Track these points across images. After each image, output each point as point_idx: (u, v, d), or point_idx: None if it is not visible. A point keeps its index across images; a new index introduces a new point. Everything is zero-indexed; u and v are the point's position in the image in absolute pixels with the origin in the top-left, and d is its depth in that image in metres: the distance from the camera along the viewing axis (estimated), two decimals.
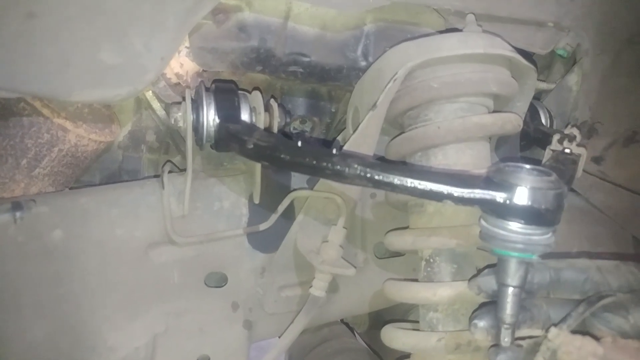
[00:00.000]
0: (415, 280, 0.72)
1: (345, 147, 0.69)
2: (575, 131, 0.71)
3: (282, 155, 0.57)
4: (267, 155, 0.59)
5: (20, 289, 0.69)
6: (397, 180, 0.54)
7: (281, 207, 0.75)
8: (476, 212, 0.55)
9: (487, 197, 0.51)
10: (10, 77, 0.60)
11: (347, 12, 0.82)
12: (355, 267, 0.76)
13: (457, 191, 0.52)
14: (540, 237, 0.52)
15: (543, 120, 0.89)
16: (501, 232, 0.52)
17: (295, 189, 0.75)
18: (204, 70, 0.87)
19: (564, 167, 0.64)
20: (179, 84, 0.85)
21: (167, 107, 0.86)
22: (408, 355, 0.71)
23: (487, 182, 0.53)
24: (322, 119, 1.05)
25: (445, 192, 0.52)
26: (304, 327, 0.75)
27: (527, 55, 0.81)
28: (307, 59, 0.83)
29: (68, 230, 0.71)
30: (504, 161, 0.63)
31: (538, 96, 0.99)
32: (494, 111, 0.75)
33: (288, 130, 1.00)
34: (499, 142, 0.85)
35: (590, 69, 0.89)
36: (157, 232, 0.75)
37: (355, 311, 0.91)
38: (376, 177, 0.54)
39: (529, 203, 0.50)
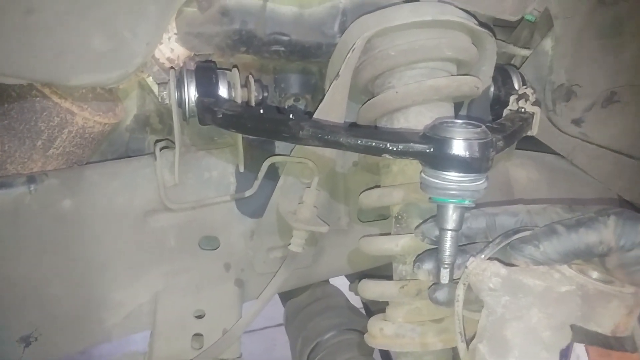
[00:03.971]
0: None
1: (314, 116, 0.76)
2: (529, 91, 0.75)
3: (246, 122, 0.65)
4: (234, 123, 0.66)
5: (39, 251, 0.79)
6: (342, 138, 0.60)
7: (260, 174, 0.83)
8: None
9: (418, 149, 0.57)
10: (17, 66, 0.69)
11: None
12: (330, 226, 0.83)
13: (392, 145, 0.58)
14: (470, 184, 0.57)
15: (515, 85, 0.92)
16: (435, 181, 0.58)
17: (270, 156, 0.83)
18: (195, 54, 0.95)
19: (511, 124, 0.68)
20: (172, 67, 0.93)
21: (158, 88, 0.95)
22: None
23: (423, 136, 0.58)
24: (315, 96, 1.11)
25: (382, 146, 0.58)
26: (283, 280, 0.83)
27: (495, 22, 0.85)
28: (287, 38, 0.89)
29: (76, 199, 0.81)
30: None
31: (517, 62, 1.03)
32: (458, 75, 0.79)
33: (282, 107, 1.08)
34: (472, 106, 0.89)
35: (562, 32, 0.91)
36: (154, 200, 0.84)
37: (341, 272, 0.98)
38: (325, 137, 0.61)
39: (456, 152, 0.55)
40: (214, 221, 0.87)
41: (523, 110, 0.74)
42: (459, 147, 0.55)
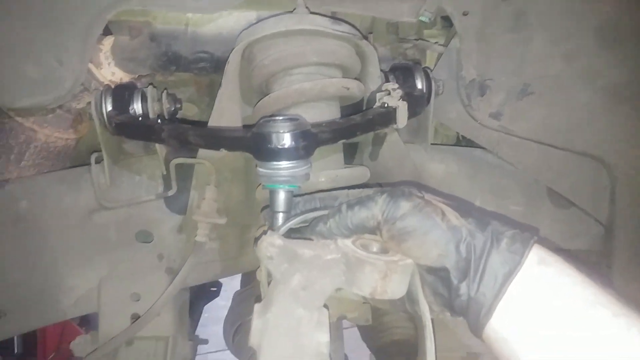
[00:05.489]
0: None
1: (209, 123, 0.86)
2: (391, 87, 0.80)
3: (127, 129, 0.77)
4: (120, 130, 0.79)
5: (1, 243, 0.97)
6: (190, 137, 0.71)
7: (172, 174, 0.94)
8: None
9: (244, 143, 0.66)
10: None
11: (237, 12, 0.99)
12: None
13: (225, 141, 0.68)
14: (292, 170, 0.65)
15: (418, 83, 0.96)
16: (262, 170, 0.66)
17: (174, 158, 0.94)
18: (140, 75, 1.10)
19: (360, 118, 0.74)
20: None
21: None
22: None
23: (252, 133, 0.67)
24: None
25: (219, 142, 0.68)
26: (192, 266, 0.94)
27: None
28: (210, 55, 1.02)
29: (31, 201, 0.98)
30: None
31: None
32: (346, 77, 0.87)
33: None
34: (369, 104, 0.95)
35: (463, 30, 0.95)
36: (95, 200, 0.99)
37: None
38: (178, 137, 0.72)
39: (269, 144, 0.64)
40: (146, 217, 1.00)
41: (385, 105, 0.79)
42: (271, 139, 0.64)
